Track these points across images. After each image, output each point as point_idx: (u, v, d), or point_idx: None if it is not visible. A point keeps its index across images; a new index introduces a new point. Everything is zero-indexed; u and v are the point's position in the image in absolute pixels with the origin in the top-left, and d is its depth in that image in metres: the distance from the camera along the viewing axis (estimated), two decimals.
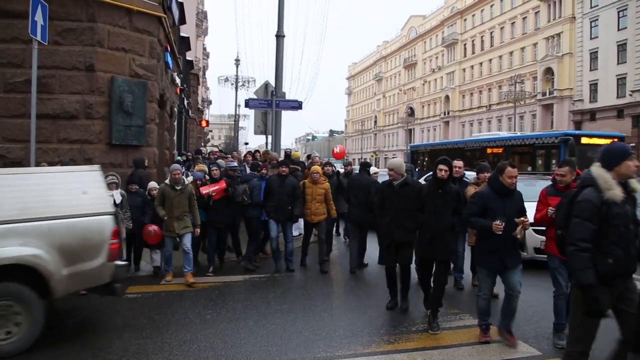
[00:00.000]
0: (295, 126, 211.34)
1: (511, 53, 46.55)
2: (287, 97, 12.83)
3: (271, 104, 11.93)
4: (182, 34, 20.80)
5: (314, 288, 6.86)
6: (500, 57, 48.14)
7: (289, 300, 6.20)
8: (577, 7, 37.40)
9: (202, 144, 42.06)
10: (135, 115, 9.56)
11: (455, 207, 5.16)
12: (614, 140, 14.39)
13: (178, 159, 12.30)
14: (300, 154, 16.43)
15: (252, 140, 59.15)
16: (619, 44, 33.66)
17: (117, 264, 4.96)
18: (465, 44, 54.98)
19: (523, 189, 5.15)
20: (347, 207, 8.13)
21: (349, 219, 8.30)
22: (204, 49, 49.70)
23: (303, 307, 5.91)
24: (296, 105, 12.49)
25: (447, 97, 57.91)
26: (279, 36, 12.10)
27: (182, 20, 18.83)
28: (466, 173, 7.49)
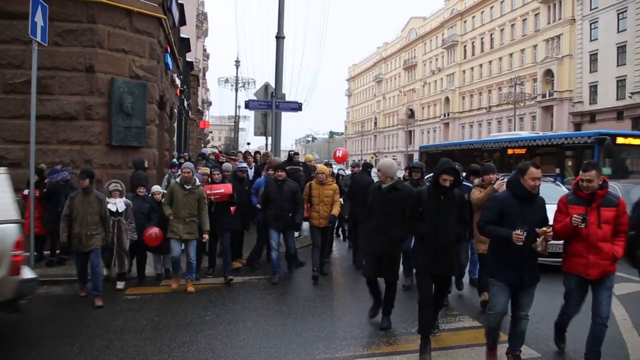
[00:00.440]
0: (295, 128, 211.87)
1: (511, 55, 46.61)
2: (287, 98, 12.83)
3: (271, 105, 11.93)
4: (182, 35, 20.83)
5: (313, 289, 6.85)
6: (500, 58, 48.19)
7: (288, 302, 6.19)
8: (577, 9, 37.47)
9: (202, 145, 42.05)
10: (135, 117, 9.58)
11: (459, 214, 4.53)
12: None
13: (174, 161, 12.24)
14: (300, 155, 16.38)
15: (252, 141, 59.02)
16: (619, 46, 33.73)
17: (22, 278, 4.48)
18: (465, 46, 55.05)
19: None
20: (347, 209, 8.11)
21: (350, 219, 8.28)
22: (204, 50, 49.75)
23: (303, 309, 5.90)
24: (296, 107, 12.49)
25: (447, 99, 57.97)
26: (279, 37, 12.10)
27: (182, 22, 18.86)
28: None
